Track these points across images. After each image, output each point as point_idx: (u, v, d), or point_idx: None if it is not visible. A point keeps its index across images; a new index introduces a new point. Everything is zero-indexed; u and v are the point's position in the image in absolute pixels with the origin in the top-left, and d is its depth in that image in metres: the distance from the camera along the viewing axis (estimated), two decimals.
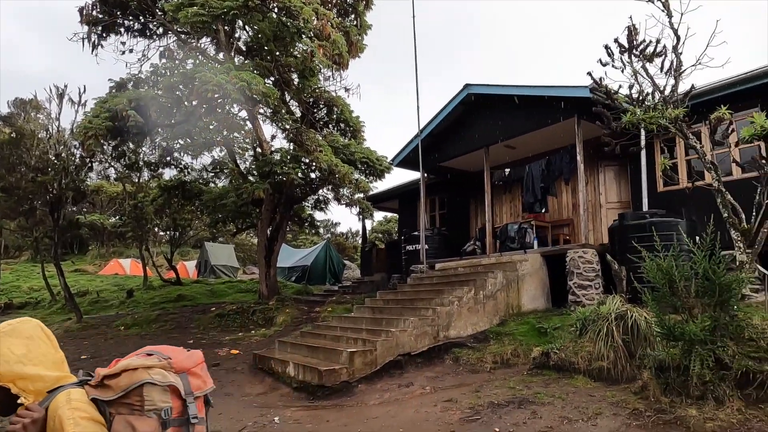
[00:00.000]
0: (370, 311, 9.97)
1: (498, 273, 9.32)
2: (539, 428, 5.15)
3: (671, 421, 4.82)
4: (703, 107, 7.95)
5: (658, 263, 5.22)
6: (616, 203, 10.92)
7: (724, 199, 5.74)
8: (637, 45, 6.55)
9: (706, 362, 4.89)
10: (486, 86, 11.10)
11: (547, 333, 8.05)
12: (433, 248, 12.77)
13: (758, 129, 5.46)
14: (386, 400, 6.78)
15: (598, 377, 6.34)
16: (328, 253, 21.71)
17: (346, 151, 13.93)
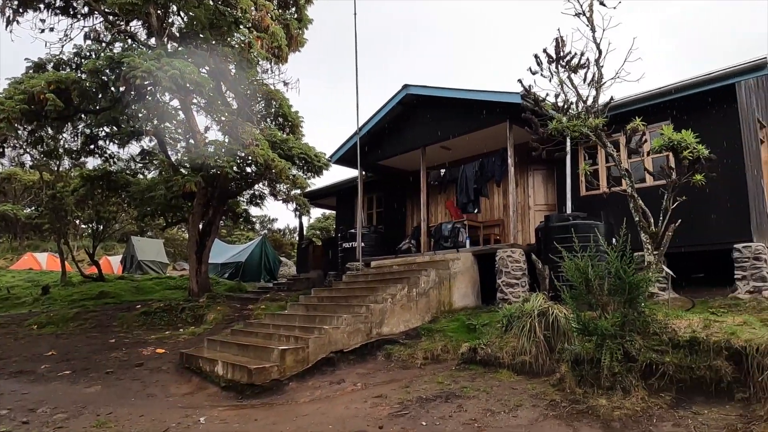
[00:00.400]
0: (304, 309, 9.89)
1: (431, 271, 9.53)
2: (464, 421, 5.33)
3: (584, 411, 5.14)
4: (622, 118, 8.52)
5: (576, 263, 5.56)
6: (543, 205, 11.48)
7: (636, 203, 6.19)
8: (563, 56, 6.91)
9: (615, 355, 5.26)
10: (424, 87, 11.31)
11: (476, 329, 8.34)
12: (369, 246, 12.85)
13: (666, 140, 5.93)
14: (317, 398, 6.76)
15: (521, 371, 6.64)
16: (263, 250, 21.27)
17: (284, 146, 13.72)
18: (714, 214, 8.44)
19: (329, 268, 15.68)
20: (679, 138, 5.83)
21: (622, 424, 4.81)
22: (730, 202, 8.35)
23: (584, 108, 6.86)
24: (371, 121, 12.52)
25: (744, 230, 8.15)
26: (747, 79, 8.72)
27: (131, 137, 14.09)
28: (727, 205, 8.36)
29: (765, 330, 5.09)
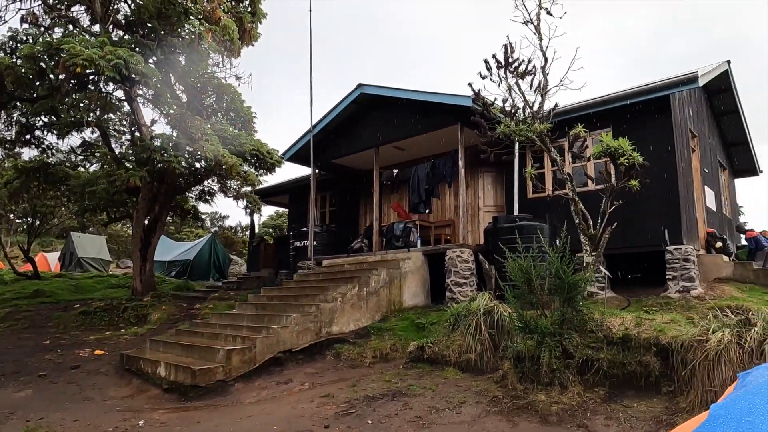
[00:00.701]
0: (252, 308, 9.72)
1: (382, 270, 9.59)
2: (409, 419, 5.40)
3: (524, 406, 5.33)
4: (566, 124, 8.85)
5: (519, 263, 5.74)
6: (492, 207, 11.77)
7: (576, 207, 6.45)
8: (512, 62, 7.12)
9: (554, 352, 5.48)
10: (378, 87, 11.35)
11: (425, 328, 8.46)
12: (321, 245, 12.78)
13: (605, 147, 6.22)
14: (263, 398, 6.66)
15: (466, 368, 6.80)
16: (213, 248, 20.73)
17: (235, 142, 13.40)
18: (649, 218, 8.91)
19: (281, 267, 15.47)
20: (616, 145, 6.12)
21: (559, 418, 5.02)
22: (664, 206, 8.84)
23: (530, 113, 7.09)
24: (325, 119, 12.45)
25: (675, 233, 8.65)
26: (680, 91, 9.26)
27: (71, 128, 13.36)
28: (661, 210, 8.85)
29: (690, 327, 5.44)
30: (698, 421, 1.78)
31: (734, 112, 12.92)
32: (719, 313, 5.28)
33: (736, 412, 1.66)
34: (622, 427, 4.72)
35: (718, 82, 11.54)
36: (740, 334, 4.61)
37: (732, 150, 14.25)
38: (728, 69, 11.52)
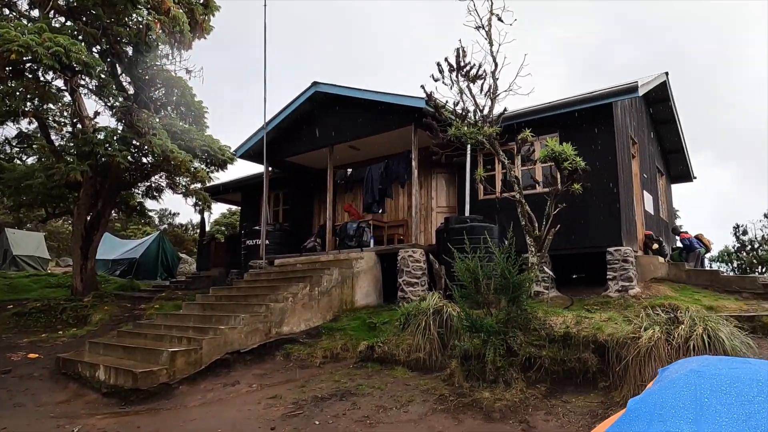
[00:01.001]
0: (200, 308, 9.47)
1: (334, 270, 9.55)
2: (357, 418, 5.41)
3: (469, 404, 5.44)
4: (516, 128, 9.10)
5: (466, 264, 5.86)
6: (445, 207, 11.95)
7: (523, 209, 6.65)
8: (463, 66, 7.25)
9: (498, 350, 5.62)
10: (334, 86, 11.30)
11: (376, 327, 8.49)
12: (274, 243, 12.59)
13: (550, 151, 6.44)
14: (209, 401, 6.51)
15: (415, 367, 6.88)
16: (161, 246, 20.02)
17: (185, 137, 13.00)
18: (592, 221, 9.30)
19: (232, 266, 15.14)
20: (560, 150, 6.35)
21: (502, 414, 5.16)
22: (605, 209, 9.25)
23: (481, 117, 7.24)
24: (279, 116, 12.27)
25: (615, 235, 9.06)
26: (622, 99, 9.71)
27: (6, 117, 12.57)
28: (602, 213, 9.25)
29: (625, 325, 5.71)
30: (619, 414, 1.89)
31: (671, 121, 13.66)
32: (651, 311, 5.57)
33: (649, 406, 1.76)
34: (561, 421, 4.91)
35: (657, 92, 12.18)
36: (669, 332, 4.89)
37: (669, 157, 15.06)
38: (666, 80, 12.17)
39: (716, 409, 1.60)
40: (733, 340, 4.63)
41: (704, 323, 4.78)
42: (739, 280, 9.27)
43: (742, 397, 1.62)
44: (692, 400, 1.66)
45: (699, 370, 1.82)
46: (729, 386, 1.67)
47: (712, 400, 1.64)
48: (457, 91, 7.30)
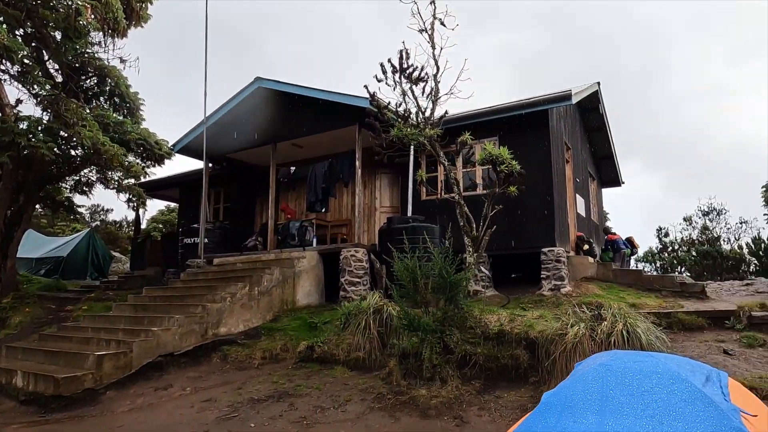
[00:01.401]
0: (132, 309, 9.05)
1: (275, 269, 9.40)
2: (293, 419, 5.36)
3: (406, 401, 5.52)
4: (459, 131, 9.31)
5: (405, 263, 5.94)
6: (389, 208, 12.04)
7: (461, 209, 6.82)
8: (406, 68, 7.34)
9: (435, 349, 5.74)
10: (277, 83, 11.11)
11: (317, 327, 8.44)
12: (213, 242, 12.23)
13: (487, 155, 6.65)
14: (138, 406, 6.23)
15: (355, 366, 6.89)
16: (91, 244, 18.90)
17: (119, 130, 12.40)
18: (528, 222, 9.66)
19: (169, 265, 14.55)
20: (497, 153, 6.57)
21: (438, 411, 5.26)
22: (540, 211, 9.64)
23: (423, 119, 7.36)
24: (221, 111, 11.92)
25: (549, 236, 9.47)
26: (557, 106, 10.15)
27: None
28: (538, 215, 9.64)
29: (554, 322, 5.98)
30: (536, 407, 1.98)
31: (602, 129, 14.43)
32: (578, 309, 5.87)
33: (561, 399, 1.86)
34: (493, 416, 5.07)
35: (590, 101, 12.83)
36: (593, 328, 5.17)
37: (600, 163, 15.90)
38: (598, 90, 12.84)
39: (620, 400, 1.71)
40: (649, 335, 4.96)
41: (624, 320, 5.09)
42: (659, 279, 9.92)
43: (642, 388, 1.75)
44: (599, 393, 1.77)
45: (607, 363, 1.94)
46: (632, 378, 1.80)
47: (616, 392, 1.75)
48: (399, 93, 7.39)
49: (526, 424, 1.80)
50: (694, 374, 1.83)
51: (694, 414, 1.57)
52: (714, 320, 7.00)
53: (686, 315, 7.07)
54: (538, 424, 1.74)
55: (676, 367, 1.84)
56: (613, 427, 1.59)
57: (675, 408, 1.60)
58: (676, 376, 1.74)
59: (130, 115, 13.60)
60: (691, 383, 1.71)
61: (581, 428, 1.62)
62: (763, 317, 6.72)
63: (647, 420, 1.59)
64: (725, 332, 6.69)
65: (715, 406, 1.58)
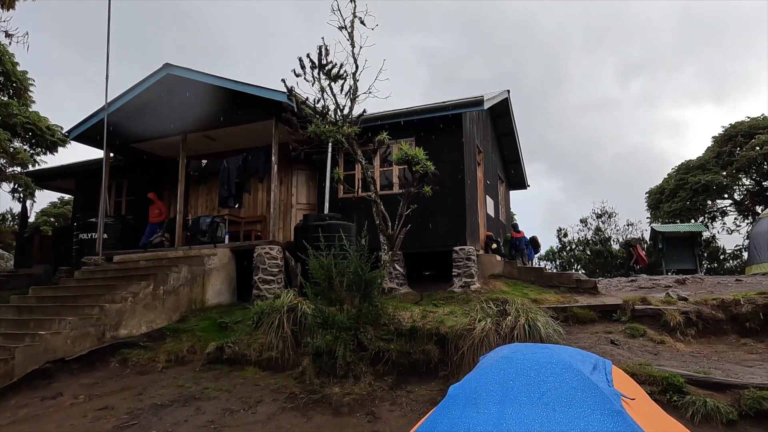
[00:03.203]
0: (15, 311, 8.17)
1: (183, 267, 8.94)
2: (200, 424, 5.13)
3: (319, 400, 5.49)
4: (376, 131, 9.38)
5: (320, 261, 5.90)
6: (305, 205, 11.88)
7: (378, 208, 6.90)
8: (325, 64, 7.27)
9: (349, 346, 5.76)
10: (188, 71, 10.53)
11: (228, 327, 8.13)
12: (114, 238, 11.35)
13: (403, 155, 6.78)
14: (21, 418, 5.64)
15: (267, 366, 6.73)
16: None
17: (3, 112, 11.15)
18: (440, 221, 9.99)
19: (61, 263, 13.30)
20: (413, 153, 6.72)
21: (350, 408, 5.29)
22: (452, 211, 10.00)
23: (341, 116, 7.34)
24: (125, 97, 11.07)
25: (460, 235, 9.86)
26: (470, 111, 10.59)
27: None
28: (450, 214, 9.99)
29: (464, 318, 6.24)
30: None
31: (511, 134, 15.28)
32: (486, 305, 6.17)
33: (466, 391, 1.95)
34: (404, 410, 5.20)
35: (500, 107, 13.53)
36: (498, 323, 5.47)
37: (509, 166, 16.83)
38: (508, 97, 13.58)
39: (519, 390, 1.83)
40: (548, 328, 5.34)
41: (526, 315, 5.43)
42: (558, 276, 10.70)
43: (539, 378, 1.87)
44: (500, 384, 1.88)
45: (509, 356, 2.06)
46: (530, 369, 1.92)
47: (516, 383, 1.86)
48: (318, 89, 7.30)
49: (433, 418, 1.87)
50: (584, 363, 2.00)
51: (581, 400, 1.72)
52: (604, 313, 7.67)
53: (580, 309, 7.69)
54: (444, 417, 1.80)
55: (568, 358, 2.00)
56: (512, 415, 1.69)
57: (566, 395, 1.74)
58: (568, 366, 1.89)
59: (16, 96, 12.29)
60: (581, 372, 1.87)
61: (483, 418, 1.71)
62: (644, 310, 7.48)
63: (542, 407, 1.70)
64: (613, 324, 7.37)
65: (600, 391, 1.74)
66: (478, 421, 1.69)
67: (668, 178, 25.10)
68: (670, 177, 24.85)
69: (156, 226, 11.81)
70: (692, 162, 24.00)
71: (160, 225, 11.78)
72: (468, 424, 1.69)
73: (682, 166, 24.41)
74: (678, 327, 6.99)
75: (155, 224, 11.88)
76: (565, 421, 1.62)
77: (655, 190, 25.57)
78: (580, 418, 1.63)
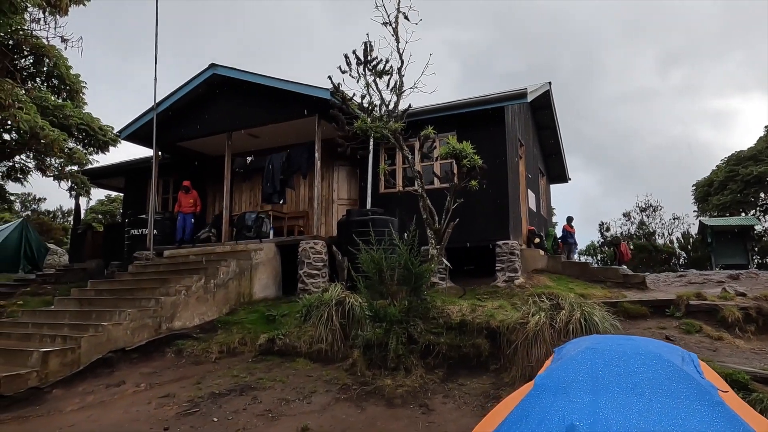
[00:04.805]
0: (76, 303, 8.58)
1: (231, 261, 9.19)
2: (258, 412, 5.29)
3: (371, 391, 5.57)
4: (418, 125, 9.38)
5: (371, 255, 5.97)
6: (346, 200, 12.01)
7: (424, 203, 6.92)
8: (371, 60, 7.33)
9: (400, 339, 5.82)
10: (233, 70, 10.78)
11: (276, 320, 8.32)
12: (163, 234, 11.75)
13: (451, 149, 6.77)
14: (89, 404, 5.94)
15: (317, 358, 6.86)
16: (24, 235, 17.67)
17: (59, 114, 11.70)
18: (482, 216, 9.92)
19: (112, 258, 13.87)
20: (460, 148, 6.70)
21: (403, 400, 5.35)
22: (495, 206, 9.92)
23: (386, 111, 7.38)
24: (172, 98, 11.44)
25: (504, 230, 9.78)
26: (511, 104, 10.46)
27: None
28: (493, 209, 9.92)
29: (514, 312, 6.21)
30: (526, 389, 2.07)
31: (552, 127, 15.01)
32: (537, 299, 6.12)
33: (554, 381, 1.96)
34: (457, 403, 5.22)
35: (541, 99, 13.29)
36: (552, 317, 5.41)
37: (548, 159, 16.54)
38: (549, 89, 13.33)
39: (609, 380, 1.83)
40: (605, 322, 5.25)
41: (581, 309, 5.36)
42: (603, 271, 10.49)
43: (629, 368, 1.87)
44: (589, 374, 1.88)
45: (593, 347, 2.06)
46: (618, 360, 1.92)
47: (605, 372, 1.87)
48: (363, 85, 7.36)
49: (523, 406, 1.89)
50: (672, 354, 1.98)
51: (678, 390, 1.70)
52: (655, 309, 7.48)
53: (630, 304, 7.52)
54: (534, 405, 1.82)
55: (655, 349, 1.99)
56: (606, 405, 1.69)
57: (661, 385, 1.73)
58: (658, 357, 1.88)
59: (70, 99, 12.84)
60: (672, 362, 1.85)
61: (577, 407, 1.72)
62: (699, 306, 7.26)
63: (637, 397, 1.70)
64: (666, 320, 7.18)
65: (697, 382, 1.73)
66: (572, 410, 1.70)
67: (717, 170, 24.16)
68: (719, 169, 23.90)
69: (188, 217, 11.54)
70: (743, 153, 23.01)
71: (192, 216, 11.60)
72: (562, 412, 1.70)
73: (732, 158, 23.44)
74: (737, 323, 6.75)
75: (187, 214, 11.57)
76: (664, 411, 1.62)
77: (703, 183, 24.65)
78: (679, 408, 1.62)
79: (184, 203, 11.62)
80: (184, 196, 11.70)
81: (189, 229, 11.42)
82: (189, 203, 11.64)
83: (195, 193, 11.87)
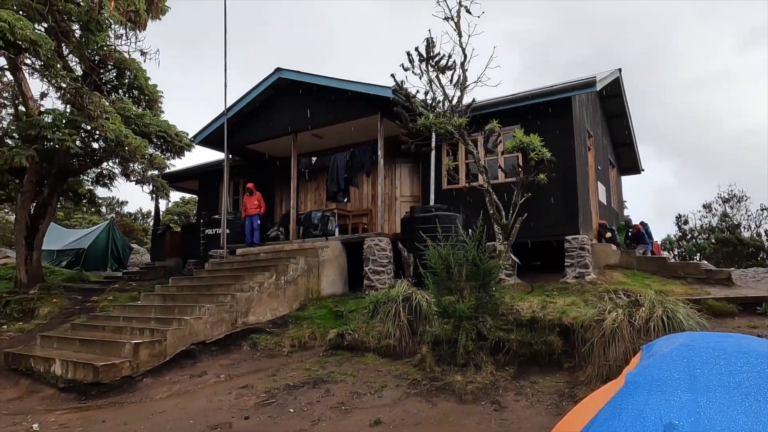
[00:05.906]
0: (160, 299, 9.18)
1: (300, 259, 9.48)
2: (331, 405, 5.44)
3: (441, 387, 5.58)
4: (481, 119, 9.26)
5: (438, 251, 5.97)
6: (409, 197, 12.06)
7: (491, 198, 6.83)
8: (433, 56, 7.32)
9: (470, 335, 5.78)
10: (298, 73, 11.12)
11: (343, 316, 8.53)
12: (235, 233, 12.33)
13: (518, 142, 6.64)
14: (176, 393, 6.36)
15: (385, 354, 6.95)
16: (110, 235, 19.15)
17: (140, 122, 12.47)
18: (551, 210, 9.63)
19: (188, 256, 14.73)
20: (528, 141, 6.56)
21: (474, 396, 5.32)
22: (564, 199, 9.60)
23: (450, 107, 7.34)
24: (240, 103, 11.97)
25: (573, 224, 9.44)
26: (579, 94, 10.07)
27: None
28: (561, 202, 9.60)
29: (588, 309, 6.00)
30: (615, 387, 2.01)
31: (622, 116, 14.30)
32: (612, 295, 5.88)
33: (647, 378, 1.89)
34: (530, 401, 5.12)
35: (611, 87, 12.70)
36: (631, 314, 5.18)
37: (619, 150, 15.78)
38: (620, 77, 12.71)
39: (709, 379, 1.74)
40: (689, 320, 4.96)
41: (663, 306, 5.09)
42: (684, 266, 9.89)
43: (731, 367, 1.77)
44: (686, 372, 1.80)
45: (689, 344, 1.96)
46: (718, 358, 1.82)
47: (704, 371, 1.78)
48: (426, 81, 7.36)
49: (614, 404, 1.83)
50: None
51: None
52: (745, 306, 6.96)
53: (716, 301, 7.04)
54: (627, 403, 1.77)
55: (758, 347, 1.87)
56: (708, 405, 1.61)
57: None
58: (765, 356, 1.77)
59: (149, 108, 13.66)
60: None
61: (675, 406, 1.65)
62: None
63: (742, 398, 1.61)
64: (757, 318, 6.67)
65: None
66: (669, 409, 1.64)
67: None
68: None
69: (255, 219, 11.82)
70: None
71: (258, 216, 11.87)
72: (658, 411, 1.65)
73: None
74: None
75: (254, 216, 11.86)
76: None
77: None
78: None
79: (249, 206, 12.08)
80: (248, 198, 12.16)
81: (257, 230, 11.92)
82: (254, 205, 12.08)
83: (259, 194, 12.30)
